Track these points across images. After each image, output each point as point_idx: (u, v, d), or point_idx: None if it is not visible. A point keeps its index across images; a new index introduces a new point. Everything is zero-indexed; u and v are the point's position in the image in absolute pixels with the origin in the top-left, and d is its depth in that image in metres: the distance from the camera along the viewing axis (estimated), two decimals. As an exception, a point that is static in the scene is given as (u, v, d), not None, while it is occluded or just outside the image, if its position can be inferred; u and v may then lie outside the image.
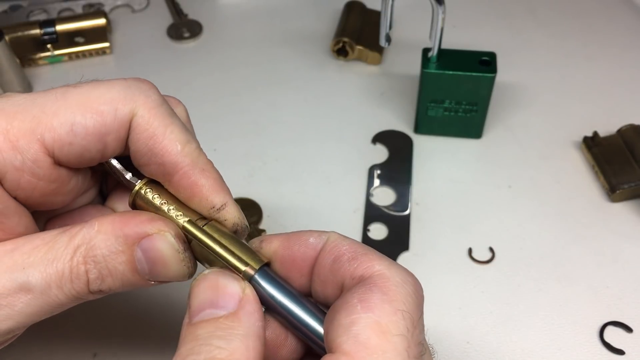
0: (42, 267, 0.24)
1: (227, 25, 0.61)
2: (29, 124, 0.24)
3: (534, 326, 0.39)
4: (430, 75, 0.46)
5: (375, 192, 0.46)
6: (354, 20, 0.57)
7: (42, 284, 0.24)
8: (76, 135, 0.24)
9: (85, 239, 0.24)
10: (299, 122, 0.52)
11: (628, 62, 0.56)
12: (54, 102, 0.24)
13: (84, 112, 0.24)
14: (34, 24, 0.58)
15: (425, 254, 0.43)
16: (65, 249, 0.24)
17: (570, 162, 0.48)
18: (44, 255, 0.24)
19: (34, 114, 0.24)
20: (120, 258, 0.24)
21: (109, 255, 0.24)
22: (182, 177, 0.26)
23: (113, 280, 0.25)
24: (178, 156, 0.25)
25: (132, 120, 0.25)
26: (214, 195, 0.26)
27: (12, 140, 0.24)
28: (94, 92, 0.25)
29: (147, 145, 0.25)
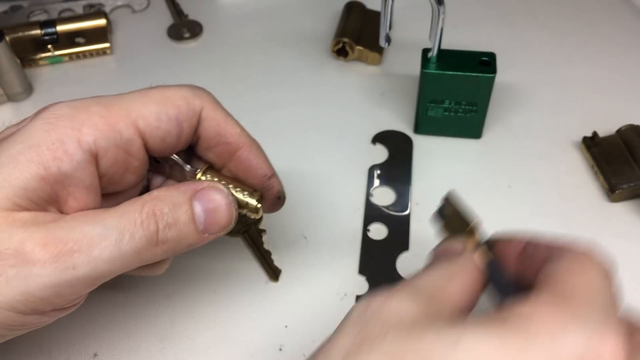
0: (116, 218, 0.28)
1: (228, 26, 0.61)
2: (124, 112, 0.30)
3: (533, 326, 0.39)
4: (430, 75, 0.46)
5: (375, 192, 0.47)
6: (354, 21, 0.57)
7: (116, 232, 0.28)
8: (162, 121, 0.30)
9: (151, 197, 0.29)
10: (298, 122, 0.52)
11: (628, 62, 0.56)
12: (139, 98, 0.31)
13: (166, 105, 0.31)
14: (34, 25, 0.58)
15: (425, 254, 0.43)
16: (134, 205, 0.29)
17: (570, 162, 0.48)
18: (115, 212, 0.29)
19: (127, 105, 0.30)
20: (182, 208, 0.30)
21: (172, 206, 0.29)
22: (243, 152, 0.34)
23: (177, 230, 0.29)
24: (239, 137, 0.34)
25: (202, 113, 0.32)
26: (266, 167, 0.34)
27: (111, 123, 0.29)
28: (169, 91, 0.31)
29: (215, 130, 0.33)
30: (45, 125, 0.28)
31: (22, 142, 0.28)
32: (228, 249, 0.43)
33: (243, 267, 0.42)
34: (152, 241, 0.29)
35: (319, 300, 0.40)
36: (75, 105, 0.30)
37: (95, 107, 0.30)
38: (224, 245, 0.44)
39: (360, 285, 0.41)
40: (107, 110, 0.30)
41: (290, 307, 0.40)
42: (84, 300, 0.31)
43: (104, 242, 0.28)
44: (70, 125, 0.29)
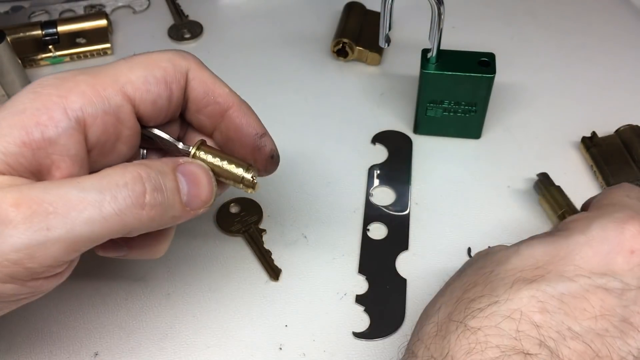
0: (97, 180, 0.27)
1: (228, 26, 0.61)
2: (110, 78, 0.30)
3: (532, 325, 0.39)
4: (430, 75, 0.46)
5: (375, 192, 0.47)
6: (354, 21, 0.57)
7: (95, 195, 0.27)
8: (150, 84, 0.30)
9: (136, 163, 0.29)
10: (298, 122, 0.52)
11: (626, 62, 0.56)
12: (125, 64, 0.31)
13: (152, 68, 0.31)
14: (35, 25, 0.58)
15: (425, 253, 0.43)
16: (117, 168, 0.28)
17: (569, 162, 0.48)
18: (97, 174, 0.28)
19: (113, 72, 0.30)
20: (168, 176, 0.29)
21: (159, 172, 0.29)
22: (234, 111, 0.34)
23: (163, 196, 0.29)
24: (229, 96, 0.34)
25: (188, 74, 0.32)
26: (257, 125, 0.35)
27: (99, 90, 0.29)
28: (153, 55, 0.32)
29: (204, 91, 0.33)
30: (31, 94, 0.28)
31: (6, 109, 0.28)
32: (228, 249, 0.43)
33: (243, 267, 0.42)
34: (138, 203, 0.28)
35: (319, 299, 0.40)
36: (62, 76, 0.29)
37: (81, 75, 0.29)
38: (224, 245, 0.44)
39: (360, 284, 0.41)
40: (94, 78, 0.29)
41: (290, 306, 0.40)
42: (68, 273, 0.29)
43: (81, 204, 0.26)
44: (57, 93, 0.28)
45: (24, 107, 0.28)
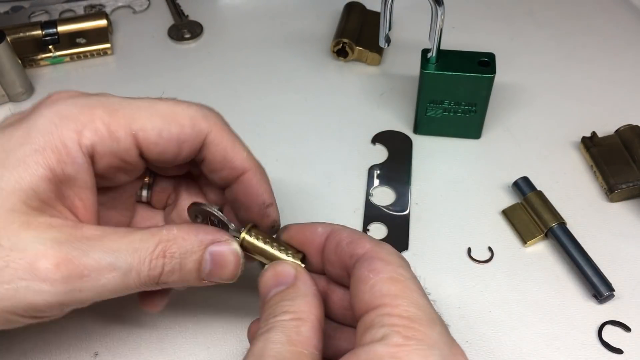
0: (129, 254, 0.29)
1: (228, 26, 0.61)
2: (126, 121, 0.30)
3: (532, 326, 0.39)
4: (430, 75, 0.46)
5: (375, 192, 0.47)
6: (354, 21, 0.57)
7: (125, 267, 0.29)
8: (161, 138, 0.30)
9: (166, 238, 0.30)
10: (299, 123, 0.52)
11: (626, 62, 0.56)
12: (147, 109, 0.31)
13: (170, 122, 0.31)
14: (35, 25, 0.58)
15: (425, 253, 0.43)
16: (148, 242, 0.30)
17: (569, 163, 0.48)
18: (129, 244, 0.29)
19: (130, 114, 0.30)
20: (193, 257, 0.31)
21: (184, 253, 0.30)
22: (247, 177, 0.33)
23: (179, 276, 0.31)
24: (245, 161, 0.33)
25: (208, 136, 0.32)
26: (267, 195, 0.34)
27: (112, 131, 0.30)
28: (177, 107, 0.31)
29: (222, 155, 0.32)
30: (50, 126, 0.29)
31: (29, 143, 0.29)
32: (228, 249, 0.43)
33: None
34: (154, 281, 0.30)
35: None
36: (81, 104, 0.30)
37: (99, 110, 0.30)
38: (224, 245, 0.44)
39: (360, 284, 0.41)
40: (111, 116, 0.30)
41: (290, 306, 0.40)
42: None
43: (112, 274, 0.29)
44: (74, 127, 0.29)
45: (44, 143, 0.29)
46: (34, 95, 0.55)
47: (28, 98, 0.55)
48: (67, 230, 0.29)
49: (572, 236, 0.42)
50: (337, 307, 0.33)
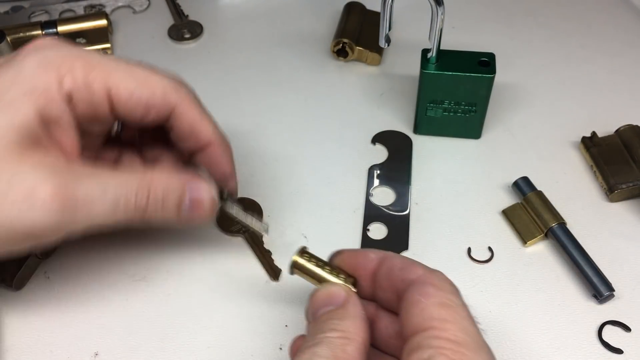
0: (117, 187, 0.32)
1: (228, 26, 0.61)
2: (102, 76, 0.33)
3: (532, 326, 0.39)
4: (430, 75, 0.46)
5: (375, 192, 0.47)
6: (354, 21, 0.57)
7: (114, 199, 0.32)
8: (131, 99, 0.33)
9: (150, 175, 0.33)
10: (299, 123, 0.52)
11: (626, 62, 0.56)
12: (124, 70, 0.34)
13: (142, 87, 0.34)
14: (35, 25, 0.58)
15: (425, 253, 0.43)
16: (134, 178, 0.33)
17: (569, 163, 0.48)
18: (117, 178, 0.33)
19: (108, 70, 0.33)
20: (174, 194, 0.34)
21: (166, 189, 0.34)
22: (213, 150, 0.37)
23: (162, 212, 0.34)
24: (210, 135, 0.36)
25: (176, 109, 0.35)
26: (228, 167, 0.38)
27: (88, 82, 0.33)
28: (152, 77, 0.34)
29: (189, 127, 0.35)
30: (36, 71, 0.32)
31: (18, 85, 0.31)
32: (228, 249, 0.43)
33: (243, 267, 0.42)
34: (139, 214, 0.33)
35: (318, 299, 0.40)
36: (63, 54, 0.33)
37: (79, 61, 0.33)
38: (224, 245, 0.44)
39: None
40: (89, 68, 0.33)
41: (290, 306, 0.40)
42: None
43: (102, 205, 0.32)
44: (56, 74, 0.32)
45: (32, 86, 0.31)
46: (34, 95, 0.55)
47: (28, 98, 0.55)
48: (61, 165, 0.32)
49: (572, 236, 0.42)
50: (383, 335, 0.33)
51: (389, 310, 0.33)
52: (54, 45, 0.33)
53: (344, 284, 0.33)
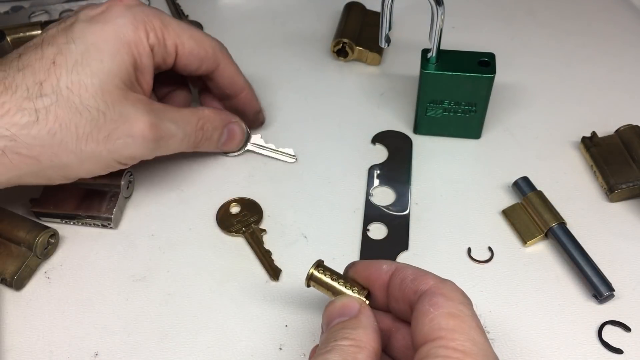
0: (184, 125, 0.43)
1: (228, 26, 0.61)
2: (174, 35, 0.42)
3: (532, 325, 0.39)
4: (430, 75, 0.46)
5: (375, 192, 0.47)
6: (354, 21, 0.57)
7: (183, 134, 0.42)
8: (191, 55, 0.43)
9: (202, 115, 0.44)
10: (299, 122, 0.52)
11: (626, 62, 0.56)
12: (186, 31, 0.43)
13: (199, 46, 0.43)
14: (35, 25, 0.58)
15: (425, 253, 0.43)
16: (193, 117, 0.44)
17: (569, 162, 0.48)
18: (183, 117, 0.43)
19: (177, 30, 0.42)
20: (217, 131, 0.46)
21: (213, 127, 0.45)
22: (245, 95, 0.48)
23: (208, 143, 0.45)
24: (244, 84, 0.48)
25: (220, 63, 0.45)
26: (258, 105, 0.50)
27: (165, 39, 0.41)
28: (205, 37, 0.44)
29: (229, 77, 0.46)
30: (130, 26, 0.39)
31: (118, 38, 0.39)
32: (228, 249, 0.43)
33: (243, 267, 0.42)
34: (194, 145, 0.44)
35: (318, 299, 0.40)
36: (146, 13, 0.40)
37: (158, 21, 0.41)
38: (225, 245, 0.44)
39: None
40: (165, 28, 0.41)
41: (290, 306, 0.40)
42: None
43: (175, 138, 0.42)
44: (143, 30, 0.40)
45: (127, 39, 0.39)
46: (34, 95, 0.55)
47: (28, 98, 0.54)
48: (148, 103, 0.40)
49: (572, 236, 0.42)
50: (400, 346, 0.33)
51: (404, 321, 0.33)
52: (137, 4, 0.41)
53: (357, 296, 0.34)
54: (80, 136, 0.37)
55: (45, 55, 0.37)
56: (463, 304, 0.30)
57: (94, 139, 0.38)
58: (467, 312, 0.29)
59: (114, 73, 0.38)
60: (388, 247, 0.43)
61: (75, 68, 0.37)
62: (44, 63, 0.37)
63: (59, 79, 0.37)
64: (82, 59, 0.37)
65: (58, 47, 0.37)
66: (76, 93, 0.37)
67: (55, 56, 0.37)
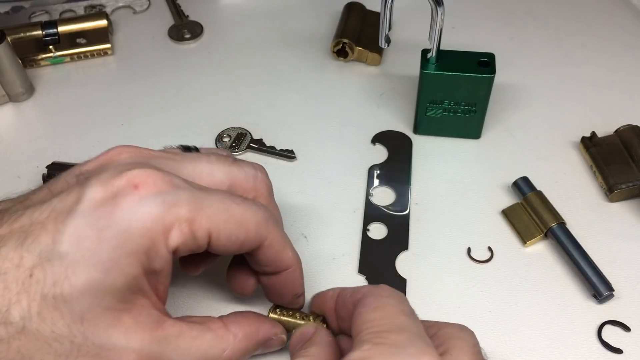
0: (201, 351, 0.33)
1: (228, 27, 0.61)
2: (206, 223, 0.32)
3: (532, 325, 0.39)
4: (429, 76, 0.46)
5: (375, 192, 0.47)
6: (354, 22, 0.57)
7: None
8: (229, 241, 0.33)
9: (231, 345, 0.34)
10: (298, 123, 0.52)
11: (626, 62, 0.56)
12: (224, 212, 0.33)
13: (240, 228, 0.33)
14: (35, 25, 0.58)
15: (425, 253, 0.43)
16: (215, 349, 0.34)
17: (569, 163, 0.48)
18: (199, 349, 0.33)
19: (210, 213, 0.32)
20: (249, 354, 0.36)
21: (243, 354, 0.35)
22: (290, 272, 0.37)
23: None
24: (290, 260, 0.36)
25: (265, 240, 0.34)
26: (301, 288, 0.38)
27: (194, 231, 0.32)
28: (248, 213, 0.33)
29: (273, 256, 0.35)
30: (141, 230, 0.30)
31: (123, 247, 0.30)
32: (228, 249, 0.43)
33: (243, 267, 0.42)
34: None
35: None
36: (168, 203, 0.31)
37: (184, 210, 0.31)
38: (225, 245, 0.44)
39: (360, 284, 0.41)
40: (194, 217, 0.31)
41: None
42: None
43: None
44: (161, 229, 0.31)
45: (137, 246, 0.30)
46: (35, 96, 0.55)
47: (28, 98, 0.55)
48: (150, 329, 0.31)
49: (571, 236, 0.42)
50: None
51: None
52: (157, 192, 0.31)
53: (311, 322, 0.37)
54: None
55: (23, 264, 0.29)
56: (389, 297, 0.31)
57: None
58: (391, 302, 0.31)
59: (105, 293, 0.30)
60: (388, 247, 0.43)
61: (54, 288, 0.29)
62: (20, 274, 0.29)
63: (31, 303, 0.29)
64: (64, 276, 0.29)
65: (39, 253, 0.29)
66: (49, 322, 0.29)
67: (33, 268, 0.29)
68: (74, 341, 0.30)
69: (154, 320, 0.32)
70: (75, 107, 0.54)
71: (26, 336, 0.29)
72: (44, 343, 0.29)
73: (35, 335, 0.29)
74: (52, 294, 0.29)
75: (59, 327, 0.29)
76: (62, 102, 0.54)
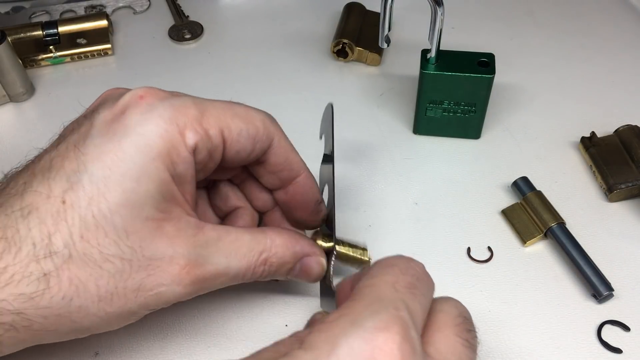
0: (238, 260, 0.33)
1: (228, 27, 0.61)
2: (215, 120, 0.32)
3: (532, 325, 0.39)
4: (429, 76, 0.46)
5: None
6: (354, 22, 0.57)
7: (235, 272, 0.33)
8: (242, 137, 0.33)
9: (268, 247, 0.34)
10: (298, 123, 0.52)
11: (626, 63, 0.56)
12: (228, 110, 0.33)
13: (248, 124, 0.34)
14: (36, 26, 0.58)
15: (425, 253, 0.43)
16: (254, 249, 0.34)
17: (568, 163, 0.48)
18: (239, 249, 0.33)
19: (217, 113, 0.33)
20: (287, 266, 0.35)
21: (281, 264, 0.35)
22: (303, 178, 0.37)
23: (271, 276, 0.35)
24: (300, 164, 0.37)
25: (274, 140, 0.35)
26: (318, 193, 0.38)
27: (206, 129, 0.32)
28: (251, 111, 0.35)
29: (284, 157, 0.36)
30: (160, 132, 0.30)
31: (145, 152, 0.30)
32: (228, 249, 0.43)
33: (243, 267, 0.42)
34: (250, 280, 0.35)
35: (318, 299, 0.40)
36: (176, 105, 0.31)
37: (192, 110, 0.32)
38: (225, 245, 0.44)
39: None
40: (202, 115, 0.32)
41: (290, 306, 0.40)
42: None
43: (225, 277, 0.33)
44: (177, 129, 0.31)
45: (159, 149, 0.30)
46: (35, 96, 0.55)
47: (29, 98, 0.55)
48: (192, 234, 0.32)
49: (571, 236, 0.42)
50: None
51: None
52: (161, 98, 0.32)
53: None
54: (102, 296, 0.30)
55: (53, 193, 0.29)
56: (392, 266, 0.31)
57: (120, 295, 0.30)
58: (390, 271, 0.30)
59: (142, 202, 0.30)
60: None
61: (90, 208, 0.29)
62: (52, 204, 0.29)
63: (71, 228, 0.29)
64: (98, 193, 0.29)
65: (67, 178, 0.29)
66: (94, 243, 0.29)
67: (64, 194, 0.29)
68: (123, 258, 0.30)
69: (193, 227, 0.32)
70: (75, 107, 0.54)
71: (75, 264, 0.29)
72: (95, 267, 0.29)
73: (83, 260, 0.29)
74: (91, 214, 0.29)
75: (106, 246, 0.29)
76: (63, 102, 0.54)
